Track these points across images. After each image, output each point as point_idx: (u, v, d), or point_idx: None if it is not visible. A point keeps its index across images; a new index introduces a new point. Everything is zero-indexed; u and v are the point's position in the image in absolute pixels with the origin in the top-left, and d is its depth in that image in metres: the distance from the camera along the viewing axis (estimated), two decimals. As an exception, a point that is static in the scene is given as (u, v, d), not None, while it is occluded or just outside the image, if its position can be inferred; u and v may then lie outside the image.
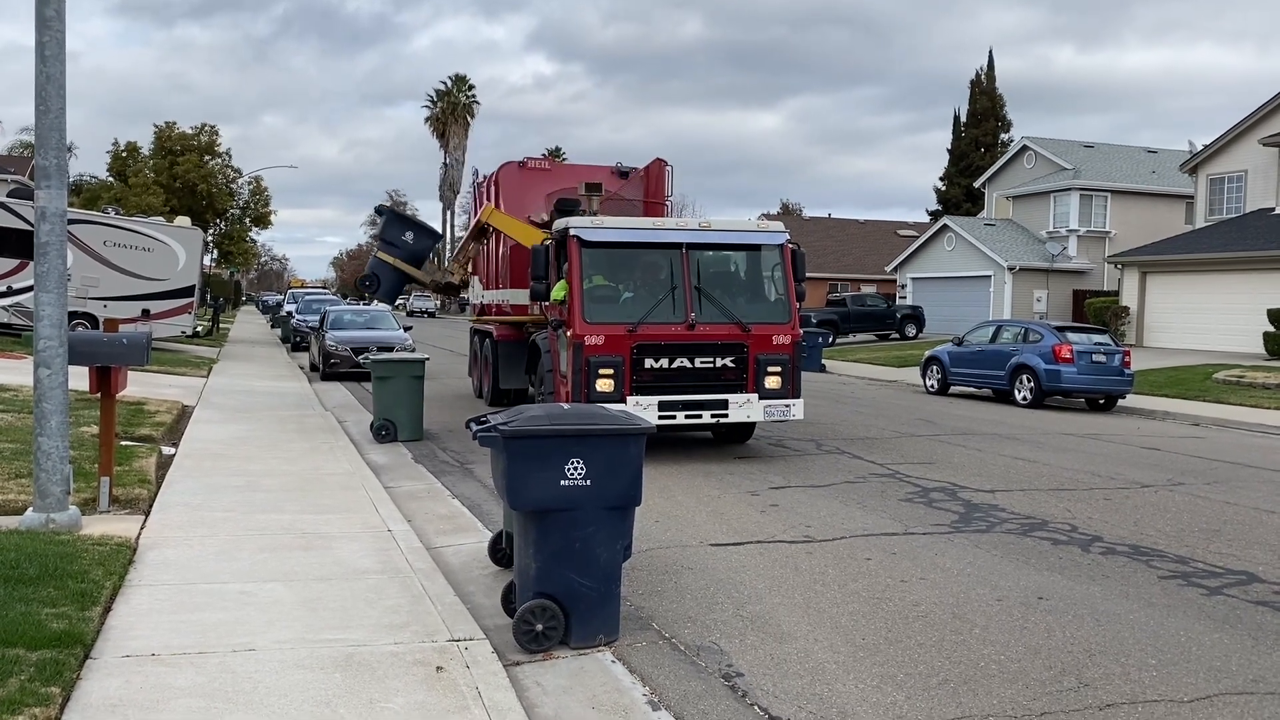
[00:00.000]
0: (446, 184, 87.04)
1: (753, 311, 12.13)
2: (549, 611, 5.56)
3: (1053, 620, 6.24)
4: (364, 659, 5.12)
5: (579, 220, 12.15)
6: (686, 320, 11.65)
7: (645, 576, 7.09)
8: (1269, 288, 29.27)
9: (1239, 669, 5.47)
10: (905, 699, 5.04)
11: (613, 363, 11.34)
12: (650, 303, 11.82)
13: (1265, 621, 6.30)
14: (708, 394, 11.68)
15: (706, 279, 12.11)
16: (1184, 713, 4.88)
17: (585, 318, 11.46)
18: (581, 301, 11.52)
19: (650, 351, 11.51)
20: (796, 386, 12.08)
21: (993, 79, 59.93)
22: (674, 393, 11.53)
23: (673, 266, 11.88)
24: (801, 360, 12.34)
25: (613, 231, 11.97)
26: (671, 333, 11.59)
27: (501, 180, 16.95)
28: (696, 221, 12.60)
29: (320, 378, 22.54)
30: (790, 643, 5.84)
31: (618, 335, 11.43)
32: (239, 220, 61.68)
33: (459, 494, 10.03)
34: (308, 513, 8.45)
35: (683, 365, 11.57)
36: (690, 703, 5.00)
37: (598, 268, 12.04)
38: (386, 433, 13.34)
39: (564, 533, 5.57)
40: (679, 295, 11.77)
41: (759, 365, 11.84)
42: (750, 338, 11.82)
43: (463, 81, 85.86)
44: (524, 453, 5.48)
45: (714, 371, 11.70)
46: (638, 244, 12.15)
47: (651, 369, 11.50)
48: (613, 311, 11.85)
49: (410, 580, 6.54)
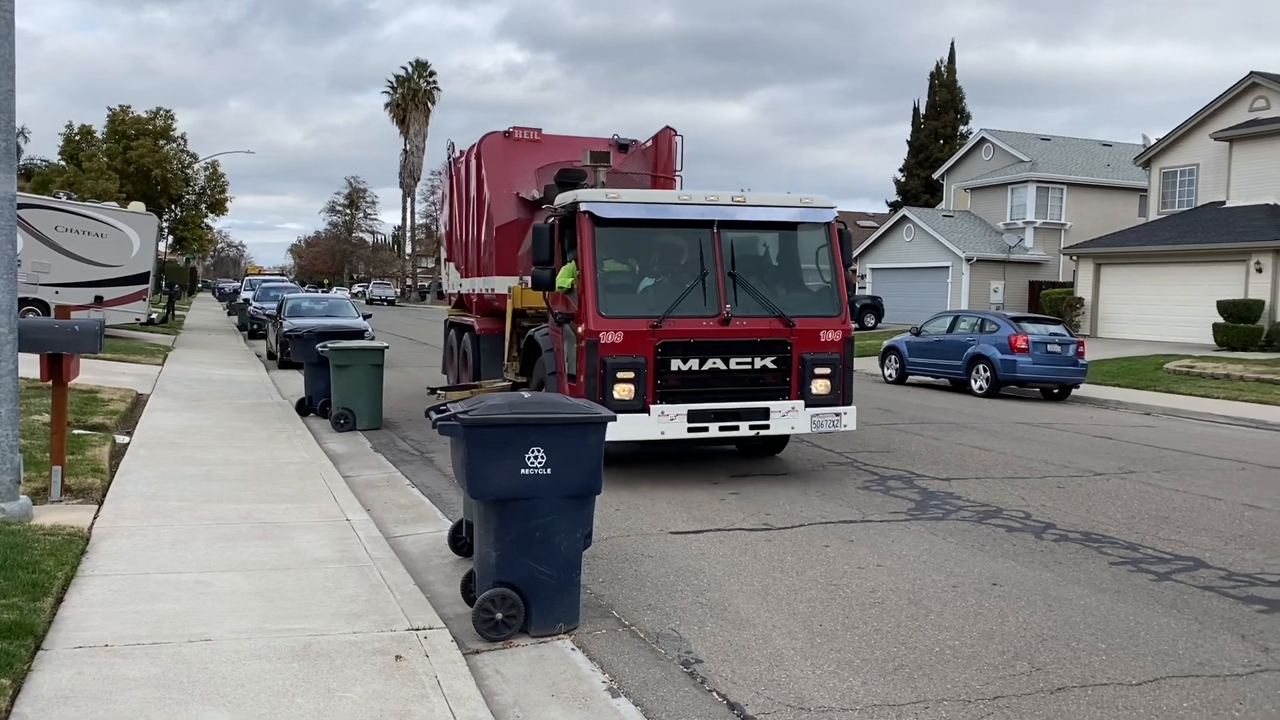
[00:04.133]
0: (406, 171, 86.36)
1: (796, 302, 10.27)
2: (509, 600, 5.57)
3: (1006, 606, 6.35)
4: (322, 648, 5.09)
5: (591, 193, 10.22)
6: (720, 313, 9.78)
7: (606, 564, 7.11)
8: (1218, 280, 29.87)
9: (1185, 652, 5.59)
10: (861, 684, 5.11)
11: (633, 364, 9.52)
12: (676, 292, 9.88)
13: (1211, 606, 6.45)
14: (745, 401, 9.86)
15: (742, 263, 10.17)
16: (1132, 695, 4.99)
17: (600, 310, 9.55)
18: (596, 291, 9.60)
19: (678, 351, 9.65)
20: (848, 391, 10.29)
21: (953, 72, 60.37)
22: (705, 399, 9.74)
23: (702, 249, 9.99)
24: (852, 359, 10.45)
25: (632, 206, 10.06)
26: (702, 328, 9.75)
27: (484, 152, 14.73)
28: (729, 195, 10.27)
29: (278, 366, 22.31)
30: (749, 629, 5.89)
31: (639, 331, 9.57)
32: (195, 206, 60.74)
33: (419, 483, 9.99)
34: (265, 502, 8.38)
35: (715, 367, 9.74)
36: (650, 689, 5.03)
37: (613, 250, 10.18)
38: (345, 421, 13.25)
39: (524, 521, 5.57)
40: (710, 283, 9.89)
41: (805, 366, 10.01)
42: (795, 334, 9.98)
43: (423, 67, 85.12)
44: (484, 441, 5.47)
45: (752, 374, 9.88)
46: (662, 221, 10.19)
47: (679, 372, 9.66)
48: (632, 303, 9.94)
49: (369, 570, 6.51)
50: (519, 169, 14.23)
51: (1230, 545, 8.04)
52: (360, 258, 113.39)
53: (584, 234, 9.79)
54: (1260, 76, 32.58)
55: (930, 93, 60.29)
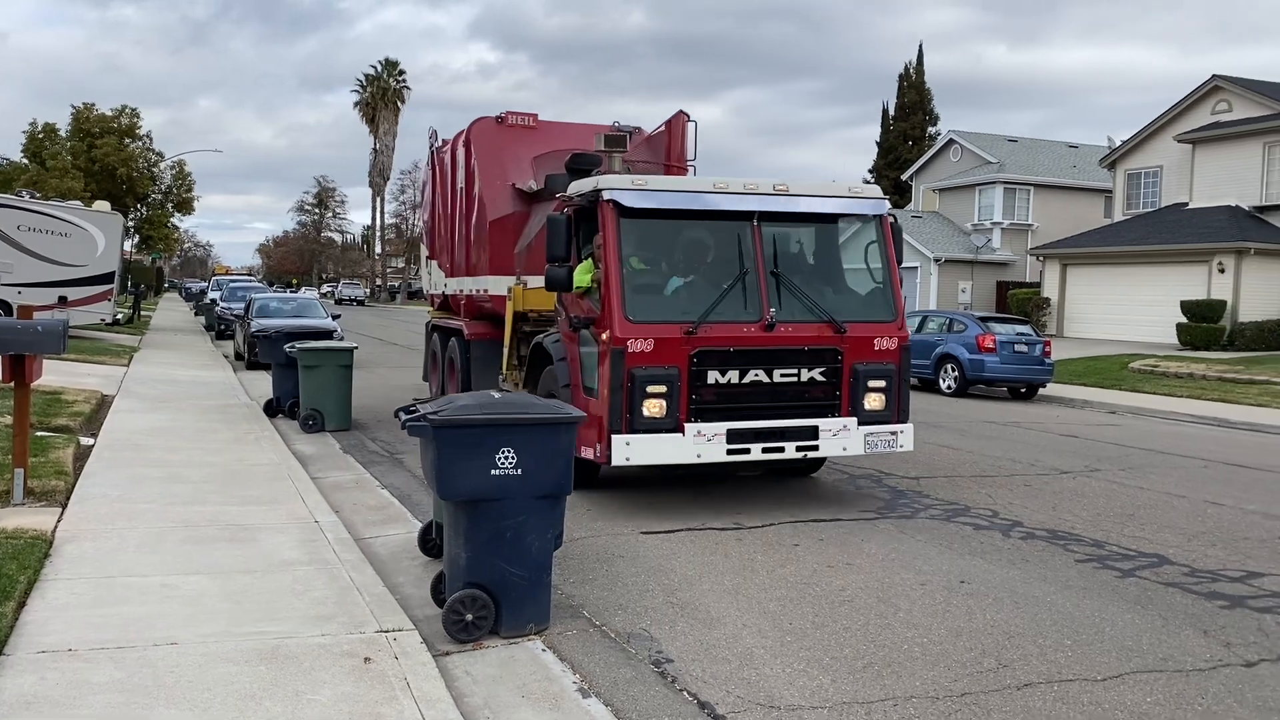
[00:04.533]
0: (376, 170, 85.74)
1: (846, 306, 9.15)
2: (479, 601, 5.55)
3: (974, 603, 6.40)
4: (290, 651, 5.05)
5: (615, 179, 8.98)
6: (762, 318, 8.58)
7: (577, 565, 7.11)
8: (1182, 280, 30.28)
9: (1149, 648, 5.67)
10: (831, 682, 5.13)
11: (665, 377, 8.32)
12: (711, 293, 8.70)
13: (1174, 602, 6.54)
14: (791, 418, 8.66)
15: (784, 261, 9.03)
16: (1097, 691, 5.05)
17: (628, 314, 8.37)
18: (622, 292, 8.44)
19: (716, 361, 8.47)
20: (904, 406, 9.17)
21: (921, 73, 60.82)
22: (746, 417, 8.54)
23: (741, 244, 8.84)
24: (909, 370, 9.36)
25: (663, 195, 8.81)
26: (743, 335, 8.56)
27: (475, 139, 13.30)
28: (770, 182, 9.06)
29: (245, 366, 22.11)
30: (719, 628, 5.91)
31: (671, 339, 8.38)
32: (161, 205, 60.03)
33: (388, 484, 9.94)
34: (232, 504, 8.30)
35: (757, 380, 8.56)
36: (620, 689, 5.04)
37: (641, 245, 8.99)
38: (313, 422, 13.15)
39: (494, 522, 5.56)
40: (750, 283, 8.72)
41: (857, 378, 8.85)
42: (846, 341, 8.82)
43: (393, 66, 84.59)
44: (454, 442, 5.45)
45: (798, 388, 8.71)
46: (696, 213, 8.95)
47: (716, 385, 8.47)
48: (662, 306, 8.77)
49: (338, 571, 6.47)
50: (514, 158, 12.98)
51: (1193, 542, 8.15)
52: (329, 257, 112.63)
53: (608, 226, 8.61)
54: (1222, 79, 33.08)
55: (899, 94, 60.71)
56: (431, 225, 16.20)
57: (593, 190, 8.89)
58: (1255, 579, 7.09)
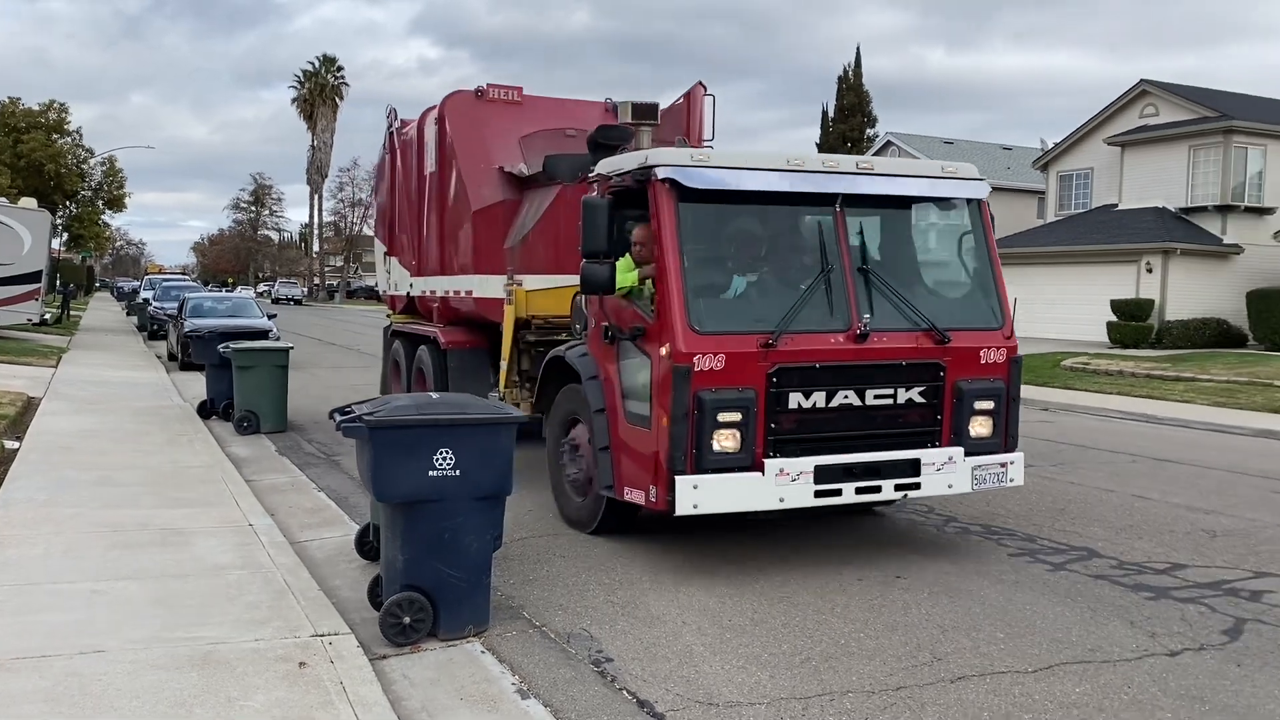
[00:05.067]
0: (314, 167, 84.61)
1: (943, 309, 7.51)
2: (416, 604, 5.50)
3: (909, 598, 6.50)
4: (223, 657, 4.97)
5: (670, 153, 7.21)
6: (852, 326, 6.99)
7: (518, 566, 7.08)
8: (1113, 279, 31.02)
9: (1078, 639, 5.80)
10: (769, 678, 5.18)
11: (740, 402, 6.68)
12: (785, 295, 7.13)
13: (1103, 594, 6.70)
14: (886, 450, 7.08)
15: (872, 255, 7.45)
16: (1028, 682, 5.16)
17: (693, 323, 6.69)
18: (684, 295, 6.75)
19: (799, 380, 6.84)
20: (1013, 432, 7.65)
21: (860, 75, 61.44)
22: (834, 449, 6.94)
23: (822, 234, 7.25)
24: (1019, 388, 7.76)
25: (733, 174, 7.03)
26: (830, 347, 6.94)
27: (451, 116, 11.44)
28: (852, 159, 7.56)
29: (179, 367, 21.67)
30: (660, 626, 5.93)
31: (746, 354, 6.72)
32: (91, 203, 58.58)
33: (325, 486, 9.80)
34: (164, 508, 8.13)
35: (847, 403, 6.98)
36: (560, 690, 5.03)
37: (703, 235, 7.32)
38: (249, 424, 12.93)
39: (432, 524, 5.51)
40: (835, 282, 7.10)
41: (961, 399, 7.31)
42: (949, 353, 7.29)
43: (331, 62, 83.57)
44: (390, 443, 5.39)
45: (893, 412, 7.16)
46: (769, 195, 7.20)
47: (799, 411, 6.86)
48: (731, 312, 7.11)
49: (273, 575, 6.37)
50: (498, 137, 11.24)
51: (1121, 535, 8.36)
52: (266, 256, 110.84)
53: (663, 212, 6.91)
54: (1150, 84, 33.95)
55: (838, 96, 61.29)
56: (390, 217, 14.17)
57: (640, 167, 7.15)
58: (1179, 570, 7.29)
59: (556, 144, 10.52)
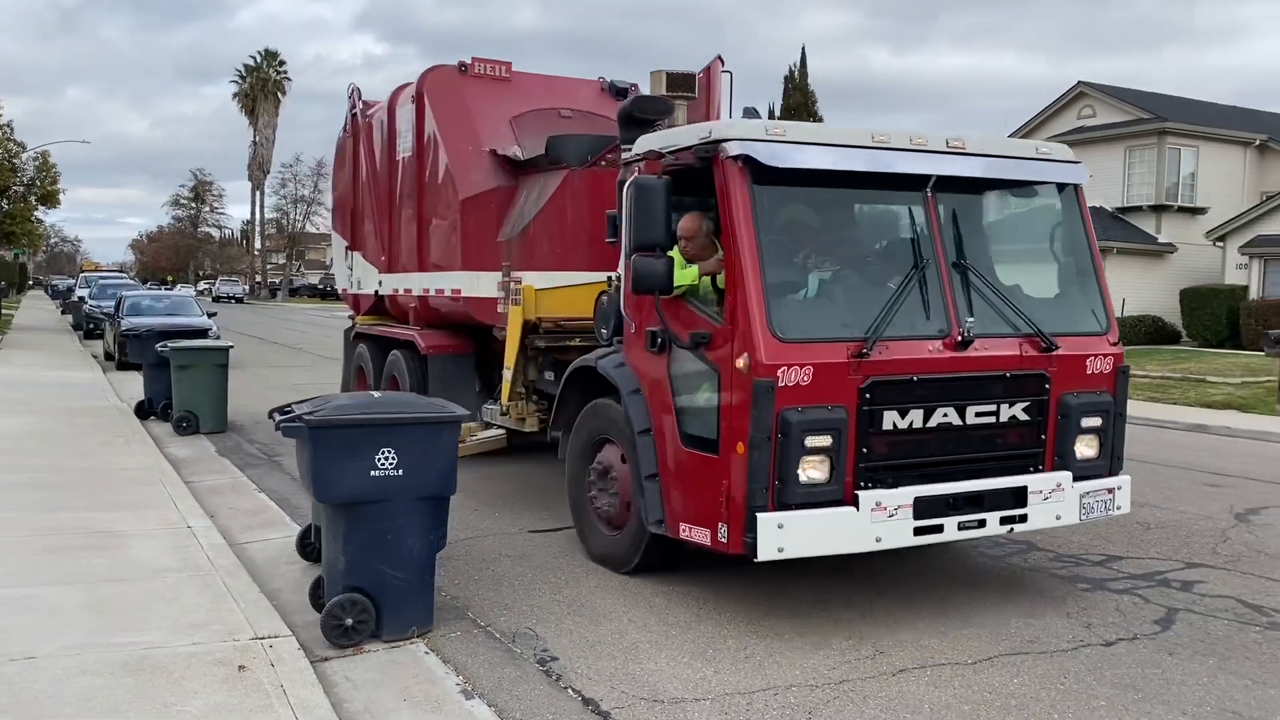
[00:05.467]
0: (256, 163, 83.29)
1: (1043, 310, 6.50)
2: (359, 605, 5.44)
3: (853, 592, 6.57)
4: (159, 661, 4.87)
5: (743, 125, 6.10)
6: (951, 332, 6.02)
7: (462, 566, 7.03)
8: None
9: (1017, 631, 5.91)
10: (714, 673, 5.20)
11: (830, 423, 5.65)
12: (873, 295, 6.08)
13: (1041, 585, 6.83)
14: (988, 476, 6.11)
15: (967, 247, 6.38)
16: (968, 674, 5.24)
17: (775, 329, 5.65)
18: (764, 294, 5.69)
19: (895, 395, 5.84)
20: (1119, 452, 6.74)
21: (806, 76, 61.93)
22: (932, 476, 5.95)
23: (914, 223, 6.27)
24: (1126, 402, 6.82)
25: (818, 151, 5.95)
26: (929, 357, 5.96)
27: (432, 93, 10.31)
28: (942, 136, 6.37)
29: (116, 367, 21.22)
30: (606, 624, 5.93)
31: (836, 365, 5.70)
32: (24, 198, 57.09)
33: (266, 487, 9.65)
34: (99, 510, 7.96)
35: (946, 422, 5.99)
36: (505, 689, 5.01)
37: (784, 224, 6.32)
38: (188, 424, 12.69)
39: (374, 524, 5.45)
40: (931, 279, 6.10)
41: (1067, 415, 6.36)
42: (1054, 362, 6.32)
43: (273, 57, 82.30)
44: (331, 443, 5.33)
45: (994, 432, 6.20)
46: (858, 176, 6.07)
47: (895, 433, 5.86)
48: (816, 315, 6.08)
49: (212, 578, 6.26)
50: (486, 118, 10.14)
51: (1058, 528, 8.50)
52: (206, 254, 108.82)
53: (736, 196, 5.82)
54: (1087, 86, 34.65)
55: (785, 96, 61.69)
56: (353, 207, 12.94)
57: (704, 142, 6.00)
58: (1114, 562, 7.46)
59: (551, 125, 9.63)
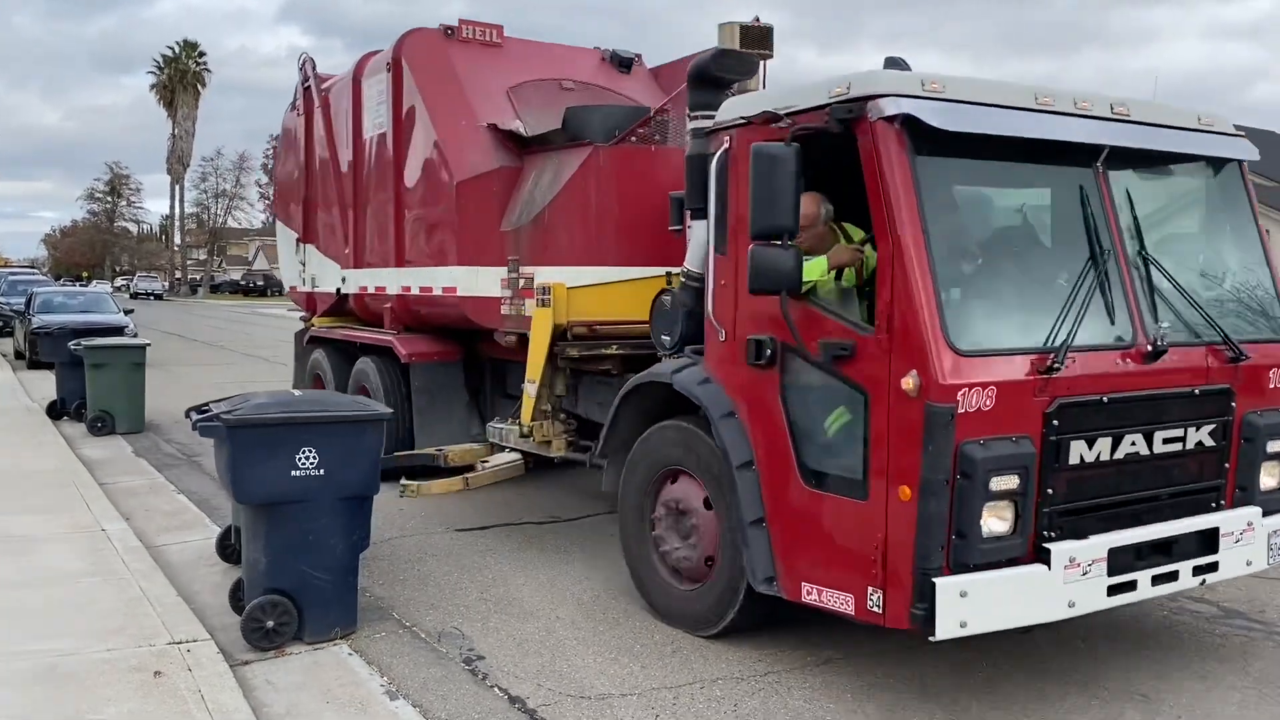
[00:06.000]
0: (175, 156, 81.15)
1: (1221, 312, 5.40)
2: (280, 607, 5.35)
3: (779, 586, 6.63)
4: (70, 669, 4.74)
5: (896, 78, 4.76)
6: (1139, 339, 4.93)
7: (387, 566, 6.96)
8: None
9: (937, 620, 6.02)
10: (640, 669, 5.22)
11: (1018, 459, 4.46)
12: (1048, 294, 4.92)
13: (961, 576, 6.98)
14: (1175, 517, 5.02)
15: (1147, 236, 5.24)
16: (889, 663, 5.34)
17: (951, 339, 4.43)
18: (936, 294, 4.47)
19: (1086, 421, 4.67)
20: None
21: (733, 72, 62.45)
22: (1121, 521, 4.85)
23: (1086, 203, 5.03)
24: None
25: (991, 114, 4.76)
26: (1119, 371, 4.85)
27: (413, 61, 8.93)
28: (1106, 100, 5.21)
29: (27, 366, 20.55)
30: (533, 621, 5.91)
31: (1020, 384, 4.53)
32: (-73, 191, 54.99)
33: (185, 489, 9.43)
34: (8, 514, 7.71)
35: (1134, 451, 4.86)
36: (430, 689, 4.97)
37: (948, 205, 5.00)
38: (103, 425, 12.35)
39: (296, 525, 5.36)
40: (1112, 274, 4.96)
41: (1254, 438, 5.31)
42: (1240, 374, 5.26)
43: (192, 48, 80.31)
44: (250, 443, 5.23)
45: (1177, 462, 5.08)
46: (1029, 145, 4.84)
47: (1083, 467, 4.70)
48: (991, 321, 4.82)
49: (127, 582, 6.10)
50: (479, 88, 8.72)
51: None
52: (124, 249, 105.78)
53: (894, 167, 4.59)
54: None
55: (713, 92, 62.16)
56: (305, 194, 11.40)
57: (844, 100, 4.72)
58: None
59: (554, 97, 8.67)
